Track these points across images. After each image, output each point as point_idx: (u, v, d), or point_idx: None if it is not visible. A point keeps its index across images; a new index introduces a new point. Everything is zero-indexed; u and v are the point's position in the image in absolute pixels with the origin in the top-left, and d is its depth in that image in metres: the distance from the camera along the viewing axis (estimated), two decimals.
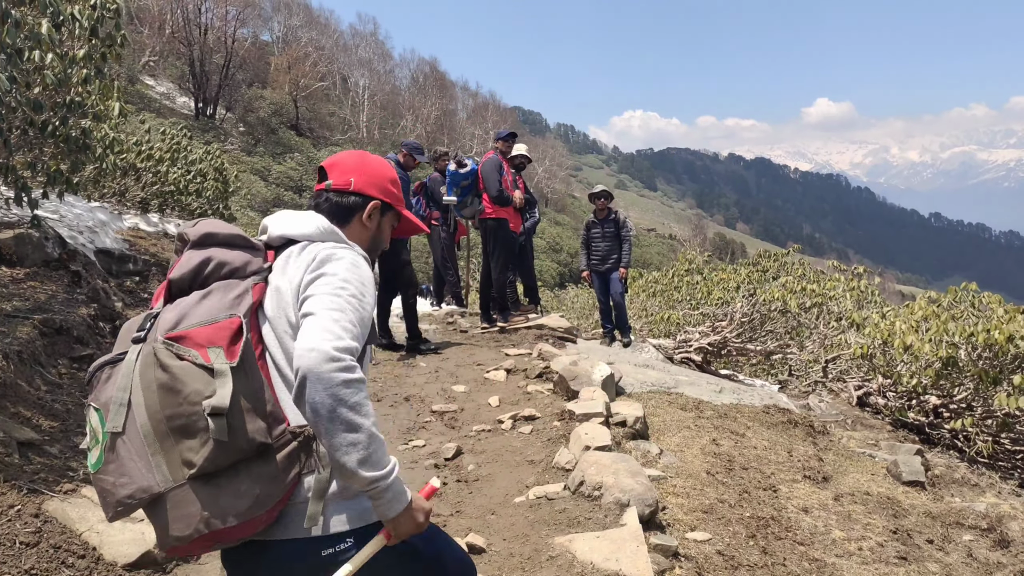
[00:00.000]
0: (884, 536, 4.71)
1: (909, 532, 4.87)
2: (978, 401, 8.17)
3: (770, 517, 4.61)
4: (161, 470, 1.68)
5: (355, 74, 69.94)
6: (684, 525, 4.29)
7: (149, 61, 47.24)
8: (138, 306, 6.40)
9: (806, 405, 8.58)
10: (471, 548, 3.77)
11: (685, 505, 4.55)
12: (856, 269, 12.20)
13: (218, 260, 1.91)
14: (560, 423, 5.46)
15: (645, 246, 75.00)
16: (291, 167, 48.63)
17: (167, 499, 1.68)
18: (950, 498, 5.96)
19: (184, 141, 11.23)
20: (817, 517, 4.85)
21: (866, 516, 5.01)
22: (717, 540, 4.16)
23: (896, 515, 5.18)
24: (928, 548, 4.72)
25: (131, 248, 7.66)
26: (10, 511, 3.31)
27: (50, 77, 5.33)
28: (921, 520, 5.20)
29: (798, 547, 4.34)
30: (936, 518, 5.29)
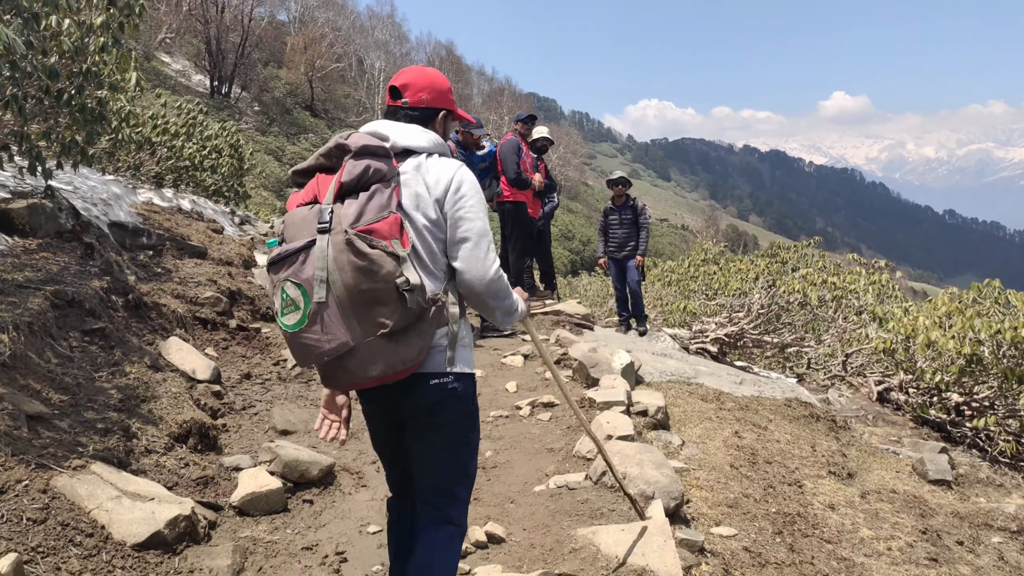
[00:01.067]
0: (913, 536, 4.57)
1: (938, 533, 4.73)
2: (1001, 400, 8.01)
3: (796, 513, 4.48)
4: (355, 330, 2.28)
5: (371, 56, 69.61)
6: (709, 519, 4.16)
7: (165, 38, 47.04)
8: (151, 280, 6.29)
9: (825, 399, 8.43)
10: (490, 537, 3.65)
11: (709, 499, 4.42)
12: (877, 263, 11.99)
13: (375, 167, 2.43)
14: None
15: (657, 236, 74.63)
16: (305, 148, 48.47)
17: (359, 349, 2.30)
18: (976, 498, 5.82)
19: (200, 117, 11.11)
20: (844, 515, 4.71)
21: (894, 515, 4.87)
22: (743, 536, 4.03)
23: (923, 514, 5.04)
24: (958, 550, 4.58)
25: (145, 222, 7.55)
26: (17, 486, 3.20)
27: (67, 44, 5.19)
28: (949, 520, 5.06)
29: (826, 545, 4.21)
30: (964, 518, 5.15)
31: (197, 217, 9.71)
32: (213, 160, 11.05)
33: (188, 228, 8.36)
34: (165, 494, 3.66)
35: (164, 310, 5.83)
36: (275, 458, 4.27)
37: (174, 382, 4.88)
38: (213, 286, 6.72)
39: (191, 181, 10.76)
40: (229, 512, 3.90)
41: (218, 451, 4.55)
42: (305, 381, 5.95)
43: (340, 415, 2.66)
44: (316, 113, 56.28)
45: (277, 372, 6.00)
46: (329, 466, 4.37)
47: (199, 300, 6.38)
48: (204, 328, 6.19)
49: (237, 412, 5.14)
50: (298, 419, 5.17)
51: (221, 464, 4.36)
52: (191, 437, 4.44)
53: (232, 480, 4.19)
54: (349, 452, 4.80)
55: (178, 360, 5.25)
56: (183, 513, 3.49)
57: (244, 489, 3.98)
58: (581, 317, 9.05)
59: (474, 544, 3.61)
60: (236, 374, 5.74)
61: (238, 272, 7.77)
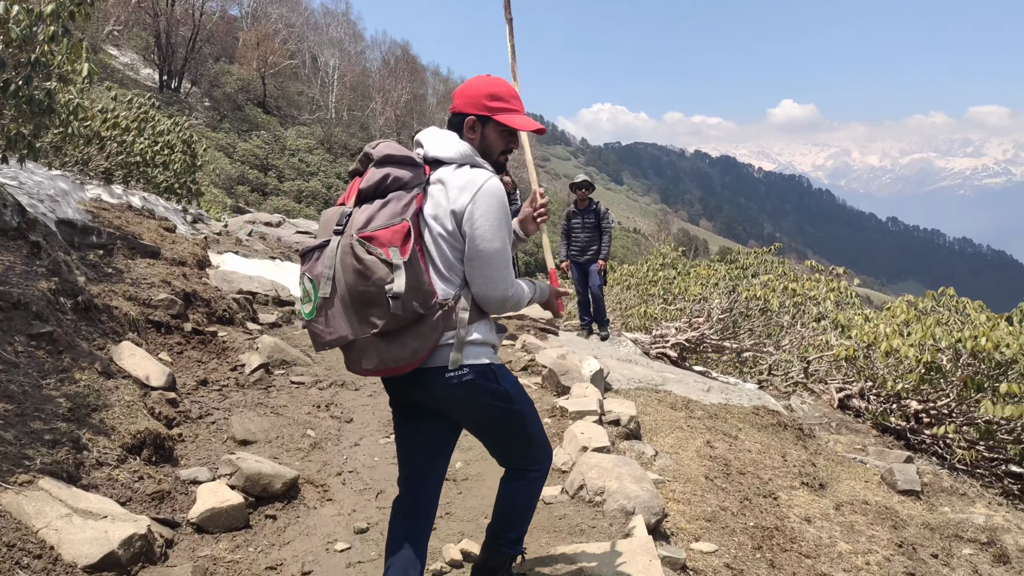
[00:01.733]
0: (890, 549, 4.52)
1: (913, 546, 4.69)
2: (959, 408, 8.06)
3: (774, 527, 4.39)
4: (354, 325, 2.50)
5: (325, 54, 68.76)
6: (688, 535, 4.05)
7: (113, 30, 45.91)
8: (102, 281, 5.99)
9: (788, 406, 8.41)
10: (466, 556, 3.50)
11: (687, 512, 4.31)
12: (835, 270, 12.08)
13: (394, 176, 2.59)
14: (552, 420, 5.20)
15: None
16: (257, 145, 47.75)
17: (357, 344, 2.52)
18: (942, 508, 5.82)
19: (152, 111, 10.75)
20: (821, 528, 4.64)
21: (869, 527, 4.82)
22: (724, 552, 3.92)
23: (896, 526, 5.00)
24: (934, 563, 4.55)
25: (94, 220, 7.23)
26: None
27: (15, 32, 4.92)
28: (921, 532, 5.04)
29: (805, 560, 4.13)
30: (935, 530, 5.13)
31: (148, 215, 9.38)
32: (165, 156, 10.69)
33: (139, 226, 8.04)
34: (118, 511, 3.43)
35: (116, 313, 5.55)
36: (236, 471, 4.05)
37: (127, 389, 4.62)
38: (167, 287, 6.44)
39: (142, 177, 10.40)
40: (187, 529, 3.67)
41: (174, 463, 4.31)
42: (264, 388, 5.72)
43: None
44: (268, 110, 55.48)
45: (235, 378, 5.76)
46: (293, 479, 4.16)
47: (152, 302, 6.10)
48: (158, 332, 5.92)
49: (193, 421, 4.90)
50: (258, 428, 4.94)
51: (178, 477, 4.13)
52: (145, 448, 4.19)
53: (190, 494, 3.96)
54: (313, 463, 4.59)
55: (131, 366, 4.99)
56: (138, 532, 3.27)
57: (203, 504, 3.76)
58: (545, 321, 8.92)
59: (448, 563, 3.46)
60: (192, 380, 5.49)
61: (192, 273, 7.49)
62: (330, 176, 51.63)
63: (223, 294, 7.26)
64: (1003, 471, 7.85)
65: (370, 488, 4.31)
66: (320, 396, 5.80)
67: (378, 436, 5.15)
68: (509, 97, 2.77)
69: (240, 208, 29.36)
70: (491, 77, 2.82)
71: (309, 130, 56.25)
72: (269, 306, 8.17)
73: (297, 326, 7.82)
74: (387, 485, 4.35)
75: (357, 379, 6.35)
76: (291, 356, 6.46)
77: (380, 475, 4.51)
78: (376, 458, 4.77)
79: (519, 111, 2.80)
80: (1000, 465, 7.90)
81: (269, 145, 49.32)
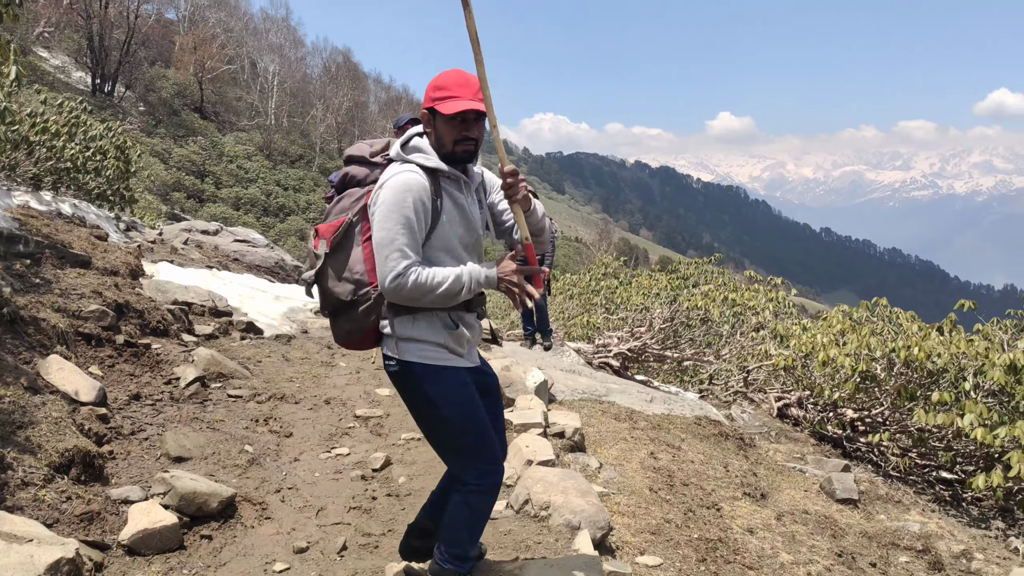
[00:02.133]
0: (830, 559, 4.56)
1: (852, 555, 4.75)
2: (893, 416, 8.24)
3: (717, 539, 4.40)
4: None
5: (265, 59, 67.91)
6: (633, 548, 4.03)
7: (44, 32, 44.60)
8: (29, 292, 5.76)
9: (729, 415, 8.50)
10: (408, 573, 3.42)
11: (632, 525, 4.30)
12: (773, 280, 12.28)
13: (351, 174, 2.94)
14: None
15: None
16: (193, 151, 46.88)
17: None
18: (879, 516, 5.91)
19: (84, 116, 10.44)
20: (763, 539, 4.67)
21: (809, 537, 4.87)
22: (668, 565, 3.91)
23: (835, 535, 5.06)
24: (872, 572, 4.61)
25: (21, 228, 6.97)
26: None
27: None
28: (859, 541, 5.10)
29: (748, 572, 4.14)
30: (872, 538, 5.21)
31: (79, 223, 9.09)
32: (97, 162, 10.38)
33: (69, 235, 7.78)
34: (45, 534, 3.28)
35: (43, 325, 5.34)
36: (170, 490, 3.91)
37: (54, 405, 4.44)
38: (98, 298, 6.23)
39: (72, 184, 10.09)
40: (118, 552, 3.53)
41: (104, 482, 4.14)
42: (200, 402, 5.56)
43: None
44: (206, 115, 54.54)
45: (169, 392, 5.58)
46: (230, 497, 4.04)
47: (82, 314, 5.89)
48: (88, 344, 5.71)
49: (125, 437, 4.72)
50: (194, 444, 4.79)
51: (108, 497, 3.96)
52: (74, 467, 4.03)
53: (121, 515, 3.81)
54: (251, 480, 4.47)
55: (59, 380, 4.80)
56: (66, 556, 3.12)
57: (135, 526, 3.61)
58: (488, 332, 8.85)
59: None
60: (124, 395, 5.31)
61: (125, 283, 7.26)
62: (269, 183, 50.94)
63: (157, 305, 7.05)
64: (935, 477, 8.05)
65: (310, 505, 4.21)
66: (258, 410, 5.66)
67: (318, 451, 5.04)
68: (453, 86, 2.75)
69: (176, 215, 28.71)
70: (446, 71, 2.84)
71: (248, 136, 55.44)
72: (205, 317, 7.96)
73: (235, 337, 7.64)
74: (328, 502, 4.25)
75: (296, 392, 6.23)
76: (228, 369, 6.30)
77: (320, 491, 4.40)
78: (316, 474, 4.66)
79: (459, 97, 2.73)
80: (932, 472, 8.10)
81: (206, 151, 48.47)
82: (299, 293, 11.88)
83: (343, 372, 7.00)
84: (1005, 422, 6.55)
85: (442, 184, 2.81)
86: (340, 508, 4.19)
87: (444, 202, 2.79)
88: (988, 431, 6.41)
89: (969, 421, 6.57)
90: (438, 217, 2.78)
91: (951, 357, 7.71)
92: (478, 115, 2.76)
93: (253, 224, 40.61)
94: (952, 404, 7.12)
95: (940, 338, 8.13)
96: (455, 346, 2.87)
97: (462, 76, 2.79)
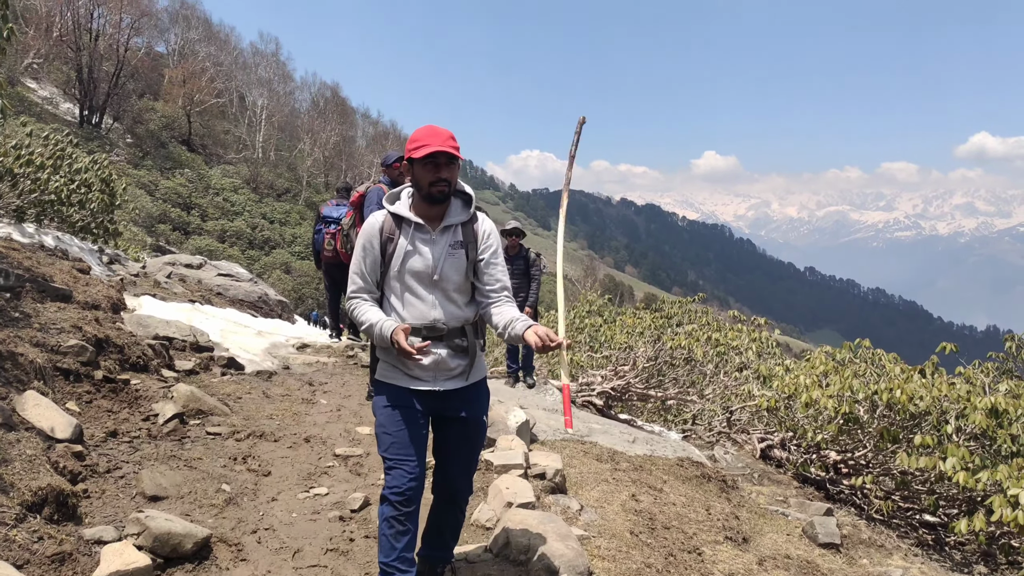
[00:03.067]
0: None
1: None
2: (876, 459, 8.23)
3: None
4: None
5: (253, 93, 68.28)
6: None
7: (32, 63, 44.73)
8: (7, 326, 5.70)
9: (712, 456, 8.47)
10: None
11: (612, 570, 4.25)
12: (756, 320, 12.31)
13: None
14: (477, 474, 5.10)
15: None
16: (180, 183, 46.86)
17: None
18: (861, 560, 5.89)
19: (69, 148, 10.42)
20: None
21: None
22: None
23: None
24: None
25: (2, 260, 6.92)
26: None
27: None
28: None
29: None
30: None
31: (61, 255, 9.04)
32: (82, 195, 10.35)
33: (51, 268, 7.73)
34: (15, 575, 3.22)
35: (21, 360, 5.28)
36: (144, 530, 3.85)
37: (29, 442, 4.37)
38: (78, 333, 6.17)
39: (56, 216, 10.05)
40: None
41: (77, 521, 4.07)
42: (179, 439, 5.49)
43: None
44: (193, 148, 54.64)
45: (147, 429, 5.52)
46: (205, 538, 3.97)
47: (61, 348, 5.83)
48: (66, 380, 5.65)
49: (101, 475, 4.65)
50: (170, 483, 4.73)
51: (81, 537, 3.89)
52: (47, 506, 3.96)
53: (93, 556, 3.74)
54: (228, 520, 4.40)
55: (35, 417, 4.74)
56: None
57: (107, 567, 3.54)
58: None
59: None
60: (101, 432, 5.24)
61: (106, 317, 7.20)
62: (255, 216, 50.91)
63: (138, 340, 6.99)
64: (918, 521, 8.03)
65: (286, 547, 4.14)
66: (237, 448, 5.60)
67: (296, 490, 4.98)
68: (424, 137, 3.23)
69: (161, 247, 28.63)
70: (422, 127, 3.30)
71: (235, 169, 55.52)
72: (187, 352, 7.90)
73: (216, 373, 7.57)
74: (305, 543, 4.19)
75: (276, 430, 6.17)
76: (208, 405, 6.24)
77: (298, 532, 4.35)
78: (294, 514, 4.60)
79: (429, 144, 3.19)
80: (915, 515, 8.08)
81: (193, 183, 48.48)
82: (282, 328, 11.81)
83: (324, 410, 6.95)
84: (987, 466, 6.56)
85: (403, 228, 3.34)
86: (317, 550, 4.13)
87: (399, 242, 3.32)
88: (970, 475, 6.42)
89: (951, 465, 6.58)
90: (392, 254, 3.32)
91: (933, 400, 7.72)
92: (449, 159, 3.21)
93: (238, 257, 40.53)
94: (934, 447, 7.13)
95: (922, 381, 8.15)
96: (403, 368, 3.33)
97: (433, 129, 3.25)
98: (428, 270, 3.31)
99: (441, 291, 3.34)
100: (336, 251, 10.11)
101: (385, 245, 3.32)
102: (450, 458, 3.50)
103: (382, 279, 3.39)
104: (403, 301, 3.34)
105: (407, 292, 3.33)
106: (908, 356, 9.82)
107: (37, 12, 44.43)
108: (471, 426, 3.49)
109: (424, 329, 3.30)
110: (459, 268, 3.36)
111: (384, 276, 3.37)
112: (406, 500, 3.24)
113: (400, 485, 3.23)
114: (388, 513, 3.27)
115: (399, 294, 3.34)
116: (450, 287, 3.36)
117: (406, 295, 3.33)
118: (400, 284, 3.33)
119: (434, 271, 3.31)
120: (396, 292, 3.35)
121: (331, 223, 10.29)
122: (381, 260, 3.34)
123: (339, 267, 10.09)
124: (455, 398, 3.41)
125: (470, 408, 3.46)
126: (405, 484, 3.24)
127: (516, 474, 4.96)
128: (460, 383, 3.40)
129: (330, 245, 10.21)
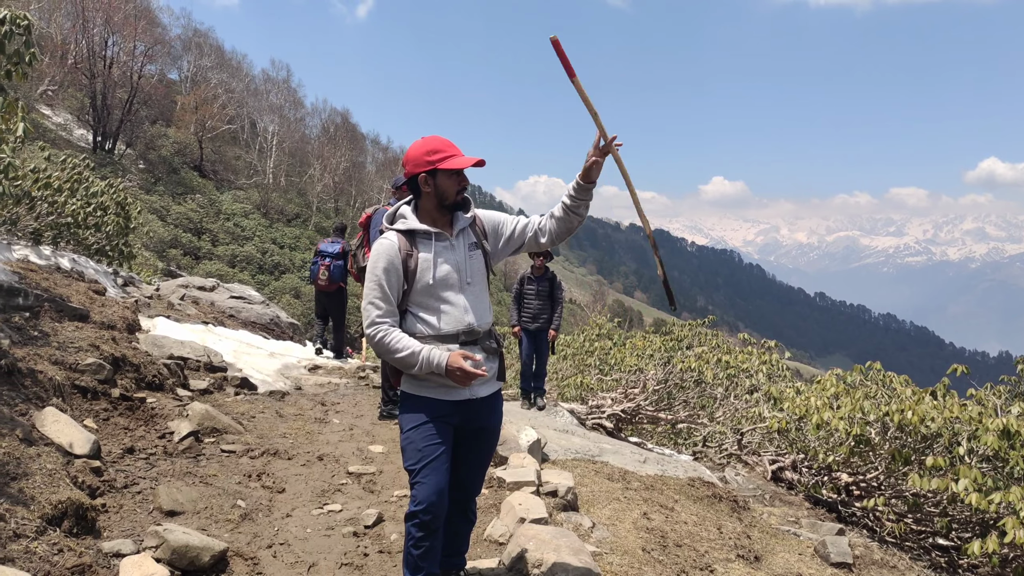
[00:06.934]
0: None
1: None
2: (888, 481, 8.21)
3: None
4: None
5: (264, 119, 68.84)
6: None
7: (47, 90, 45.28)
8: (27, 344, 5.80)
9: (723, 477, 8.47)
10: None
11: None
12: (766, 343, 12.32)
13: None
14: (489, 491, 5.14)
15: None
16: (191, 208, 47.24)
17: None
18: None
19: (86, 172, 10.57)
20: None
21: None
22: None
23: None
24: None
25: (21, 281, 7.03)
26: None
27: None
28: None
29: None
30: None
31: (77, 277, 9.15)
32: (98, 218, 10.48)
33: (68, 288, 7.84)
34: None
35: (40, 377, 5.36)
36: (162, 543, 3.90)
37: (49, 457, 4.44)
38: (95, 351, 6.25)
39: (72, 239, 10.18)
40: None
41: (96, 535, 4.13)
42: (194, 456, 5.55)
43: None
44: (205, 174, 55.09)
45: (163, 446, 5.58)
46: (222, 551, 4.02)
47: (79, 367, 5.91)
48: (84, 397, 5.72)
49: (118, 491, 4.71)
50: (186, 498, 4.78)
51: (100, 550, 3.95)
52: (66, 519, 4.02)
53: (112, 568, 3.79)
54: (243, 535, 4.45)
55: (54, 433, 4.81)
56: None
57: None
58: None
59: None
60: (118, 448, 5.30)
61: (122, 337, 7.29)
62: (265, 241, 51.20)
63: (153, 359, 7.07)
64: (930, 543, 7.99)
65: (301, 561, 4.19)
66: (251, 465, 5.65)
67: (311, 507, 5.03)
68: (445, 147, 3.33)
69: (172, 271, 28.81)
70: (425, 138, 3.39)
71: (246, 195, 55.92)
72: (201, 372, 7.98)
73: (229, 393, 7.64)
74: (319, 558, 4.23)
75: (290, 448, 6.22)
76: (222, 424, 6.30)
77: (312, 547, 4.39)
78: (308, 530, 4.65)
79: (457, 154, 3.34)
80: (928, 538, 8.04)
81: (204, 209, 48.83)
82: (294, 350, 11.92)
83: (336, 429, 7.00)
84: (1000, 487, 6.54)
85: (419, 242, 3.38)
86: (332, 564, 4.17)
87: (420, 255, 3.35)
88: (983, 496, 6.40)
89: (964, 486, 6.56)
90: (416, 269, 3.33)
91: (945, 421, 7.71)
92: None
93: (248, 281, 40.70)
94: (947, 469, 7.11)
95: (934, 402, 8.14)
96: (439, 379, 3.31)
97: (442, 139, 3.38)
98: (458, 276, 3.38)
99: (471, 295, 3.41)
100: (329, 280, 11.87)
101: (406, 262, 3.32)
102: (467, 464, 3.54)
103: (403, 298, 3.38)
104: (437, 312, 3.34)
105: (440, 302, 3.35)
106: (920, 382, 9.79)
107: (52, 40, 45.06)
108: (491, 433, 3.57)
109: (461, 334, 3.34)
110: (481, 268, 3.48)
111: (407, 294, 3.37)
112: (434, 516, 3.25)
113: (428, 499, 3.24)
114: (415, 532, 3.28)
115: (430, 306, 3.35)
116: (477, 289, 3.45)
117: (440, 305, 3.34)
118: (430, 296, 3.34)
119: (466, 275, 3.40)
120: (425, 306, 3.35)
121: (327, 257, 11.94)
122: (404, 279, 3.34)
123: (327, 295, 12.13)
124: (484, 406, 3.46)
125: (494, 415, 3.54)
126: (434, 498, 3.25)
127: (528, 491, 4.99)
128: (492, 388, 3.50)
129: (324, 275, 11.86)
